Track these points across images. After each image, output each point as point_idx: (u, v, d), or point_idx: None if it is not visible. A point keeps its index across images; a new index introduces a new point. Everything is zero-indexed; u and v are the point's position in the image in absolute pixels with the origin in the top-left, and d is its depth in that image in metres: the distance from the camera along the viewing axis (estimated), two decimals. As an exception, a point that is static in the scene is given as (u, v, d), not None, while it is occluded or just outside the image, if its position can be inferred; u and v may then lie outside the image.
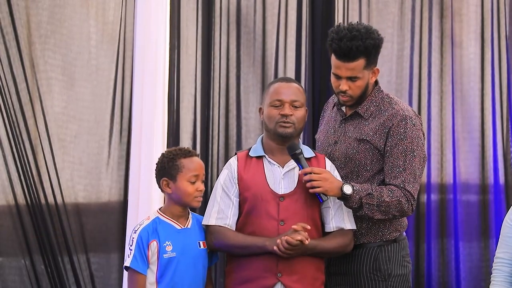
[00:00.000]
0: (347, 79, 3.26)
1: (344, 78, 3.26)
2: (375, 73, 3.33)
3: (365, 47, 3.20)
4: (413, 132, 3.26)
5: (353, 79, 3.26)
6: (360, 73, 3.25)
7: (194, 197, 3.18)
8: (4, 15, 4.57)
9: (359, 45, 3.19)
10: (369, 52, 3.22)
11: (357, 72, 3.24)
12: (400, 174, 3.23)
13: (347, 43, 3.18)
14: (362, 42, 3.19)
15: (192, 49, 4.90)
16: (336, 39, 3.22)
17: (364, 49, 3.20)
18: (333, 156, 3.37)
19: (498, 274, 3.13)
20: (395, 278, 3.32)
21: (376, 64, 3.31)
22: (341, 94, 3.31)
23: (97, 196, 4.78)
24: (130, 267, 3.10)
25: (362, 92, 3.31)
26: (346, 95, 3.30)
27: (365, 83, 3.30)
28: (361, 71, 3.25)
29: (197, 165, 3.20)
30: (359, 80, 3.27)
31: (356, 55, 3.20)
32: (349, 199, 3.17)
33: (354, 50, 3.19)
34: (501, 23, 5.22)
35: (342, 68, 3.24)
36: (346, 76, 3.25)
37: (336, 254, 3.27)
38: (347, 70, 3.24)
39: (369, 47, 3.21)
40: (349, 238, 3.25)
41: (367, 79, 3.30)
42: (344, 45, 3.19)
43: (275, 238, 3.09)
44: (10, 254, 4.59)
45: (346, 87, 3.27)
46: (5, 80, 4.55)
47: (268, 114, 3.23)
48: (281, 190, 3.20)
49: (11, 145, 4.56)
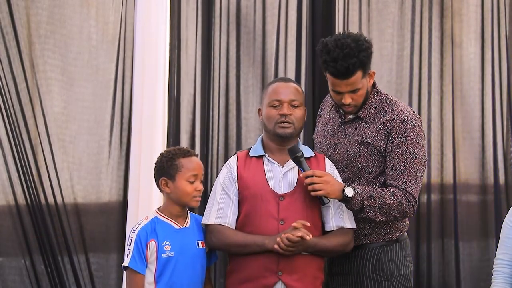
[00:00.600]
0: (348, 93, 3.26)
1: (346, 93, 3.26)
2: (372, 76, 3.34)
3: (360, 62, 3.20)
4: (414, 133, 3.27)
5: (355, 91, 3.26)
6: (360, 83, 3.26)
7: (193, 196, 3.18)
8: (4, 15, 4.58)
9: (354, 62, 3.18)
10: (364, 64, 3.23)
11: (357, 85, 3.25)
12: (401, 175, 3.23)
13: (342, 63, 3.17)
14: (357, 57, 3.18)
15: (192, 49, 4.89)
16: (330, 61, 3.19)
17: (359, 63, 3.20)
18: (334, 159, 3.38)
19: (498, 275, 3.13)
20: (397, 278, 3.32)
21: (370, 67, 3.31)
22: (345, 107, 3.32)
23: (97, 196, 4.77)
24: (129, 267, 3.11)
25: (365, 98, 3.32)
26: (350, 106, 3.31)
27: (366, 90, 3.31)
28: (360, 82, 3.26)
29: (196, 164, 3.20)
30: (360, 90, 3.27)
31: (354, 70, 3.20)
32: (350, 201, 3.18)
33: (351, 68, 3.19)
34: (501, 23, 5.21)
35: (342, 85, 3.24)
36: (347, 91, 3.26)
37: (336, 253, 3.27)
38: (347, 86, 3.24)
39: (364, 60, 3.21)
40: (350, 237, 3.25)
41: (366, 85, 3.31)
42: (340, 66, 3.17)
43: (275, 236, 3.10)
44: (10, 254, 4.59)
45: (349, 100, 3.28)
46: (5, 80, 4.55)
47: (267, 114, 3.24)
48: (281, 189, 3.20)
49: (11, 145, 4.56)
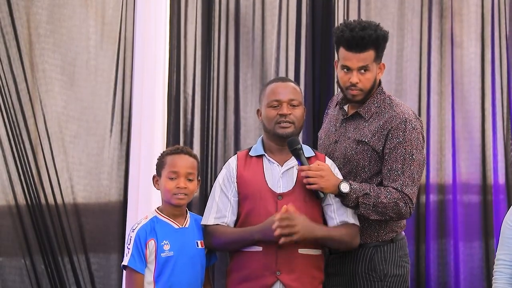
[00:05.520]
0: (357, 71, 3.25)
1: (355, 70, 3.25)
2: (381, 69, 3.34)
3: (377, 37, 3.22)
4: (413, 135, 3.25)
5: (364, 69, 3.25)
6: (371, 64, 3.25)
7: (173, 194, 3.14)
8: (4, 15, 4.58)
9: (371, 34, 3.20)
10: (379, 43, 3.24)
11: (368, 62, 3.24)
12: (398, 177, 3.22)
13: (359, 32, 3.20)
14: (374, 31, 3.21)
15: (192, 49, 4.90)
16: (348, 29, 3.22)
17: (375, 38, 3.22)
18: (333, 156, 3.37)
19: (499, 276, 3.12)
20: (391, 279, 3.30)
21: (382, 57, 3.32)
22: (351, 88, 3.29)
23: (97, 196, 4.78)
24: (128, 266, 3.10)
25: (371, 86, 3.30)
26: (357, 88, 3.28)
27: (374, 77, 3.29)
28: (371, 62, 3.25)
29: (180, 162, 3.16)
30: (369, 72, 3.26)
31: (368, 44, 3.21)
32: (345, 198, 3.17)
33: (367, 39, 3.20)
34: (501, 23, 5.21)
35: (353, 59, 3.24)
36: (357, 67, 3.25)
37: (343, 244, 3.22)
38: (359, 61, 3.23)
39: (380, 38, 3.23)
40: (355, 230, 3.23)
41: (375, 73, 3.30)
42: (357, 34, 3.19)
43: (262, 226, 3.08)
44: (10, 254, 4.59)
45: (356, 80, 3.25)
46: (5, 80, 4.56)
47: (267, 115, 3.23)
48: (279, 188, 3.20)
49: (11, 145, 4.56)
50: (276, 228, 3.02)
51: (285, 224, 3.03)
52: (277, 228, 3.02)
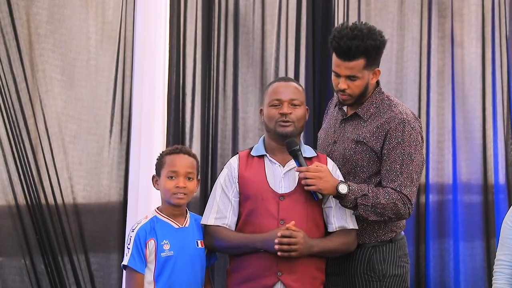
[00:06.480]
0: (346, 78, 3.25)
1: (343, 77, 3.25)
2: (376, 74, 3.32)
3: (365, 47, 3.19)
4: (411, 136, 3.24)
5: (352, 78, 3.25)
6: (360, 73, 3.24)
7: (172, 193, 3.15)
8: (4, 15, 4.58)
9: (359, 45, 3.18)
10: (369, 52, 3.21)
11: (356, 72, 3.23)
12: (397, 177, 3.21)
13: (347, 42, 3.18)
14: (362, 42, 3.18)
15: (192, 49, 4.90)
16: (337, 38, 3.21)
17: (364, 49, 3.19)
18: (332, 156, 3.37)
19: (499, 276, 3.12)
20: (390, 279, 3.30)
21: (378, 65, 3.30)
22: (340, 93, 3.31)
23: (96, 196, 4.78)
24: (128, 266, 3.10)
25: (361, 92, 3.30)
26: (345, 93, 3.29)
27: (365, 83, 3.28)
28: (361, 71, 3.24)
29: (179, 161, 3.17)
30: (358, 80, 3.25)
31: (356, 54, 3.19)
32: (344, 199, 3.17)
33: (354, 50, 3.18)
34: (501, 23, 5.21)
35: (342, 66, 3.24)
36: (345, 75, 3.25)
37: (340, 253, 3.25)
38: (346, 69, 3.23)
39: (369, 48, 3.20)
40: (353, 237, 3.24)
41: (367, 79, 3.28)
42: (344, 44, 3.18)
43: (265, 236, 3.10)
44: (10, 254, 4.59)
45: (344, 86, 3.26)
46: (5, 80, 4.56)
47: (268, 114, 3.24)
48: (281, 189, 3.20)
49: (11, 145, 4.56)
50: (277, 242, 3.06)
51: (286, 241, 3.06)
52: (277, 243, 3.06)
